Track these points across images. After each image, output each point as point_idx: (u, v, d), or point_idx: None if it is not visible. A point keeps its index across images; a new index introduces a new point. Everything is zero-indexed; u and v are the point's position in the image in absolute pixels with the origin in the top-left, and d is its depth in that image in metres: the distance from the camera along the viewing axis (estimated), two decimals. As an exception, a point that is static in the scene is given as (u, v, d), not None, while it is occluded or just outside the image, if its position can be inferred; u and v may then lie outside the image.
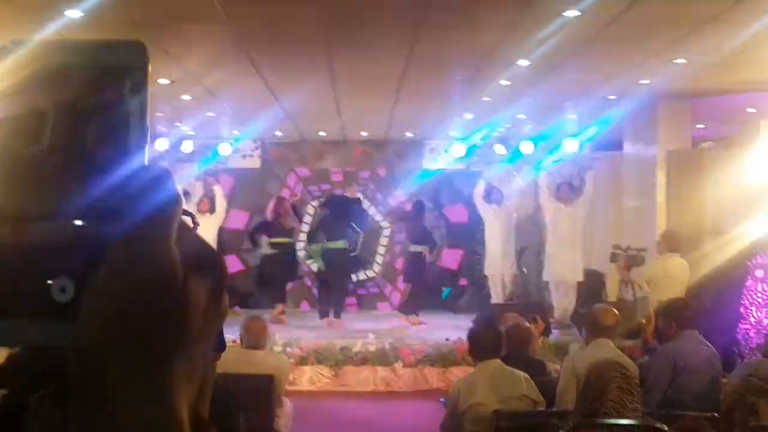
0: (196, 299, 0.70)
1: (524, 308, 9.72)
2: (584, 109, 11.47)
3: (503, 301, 12.87)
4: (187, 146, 14.23)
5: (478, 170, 14.66)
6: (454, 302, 14.88)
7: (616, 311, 5.90)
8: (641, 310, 9.87)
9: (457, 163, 15.09)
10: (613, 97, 10.67)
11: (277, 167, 15.37)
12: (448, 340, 10.81)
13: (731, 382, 5.59)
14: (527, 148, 14.51)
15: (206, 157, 14.76)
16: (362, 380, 10.50)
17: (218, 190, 13.15)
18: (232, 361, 5.79)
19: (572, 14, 6.80)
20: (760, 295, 8.73)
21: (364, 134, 14.73)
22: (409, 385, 10.48)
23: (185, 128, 13.40)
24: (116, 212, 0.69)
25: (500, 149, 14.76)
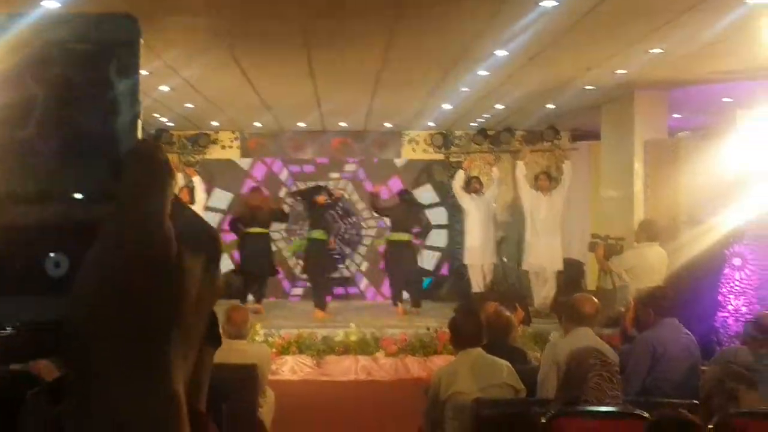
0: (190, 273, 0.70)
1: (504, 297, 9.74)
2: (562, 99, 11.51)
3: (483, 290, 12.91)
4: (166, 138, 14.24)
5: (456, 160, 14.73)
6: (435, 292, 14.90)
7: (595, 300, 5.92)
8: (621, 298, 9.95)
9: (435, 153, 15.19)
10: (590, 87, 10.72)
11: (255, 158, 15.35)
12: (429, 329, 10.86)
13: (710, 369, 5.65)
14: (506, 137, 14.61)
15: (185, 148, 14.75)
16: (344, 369, 10.54)
17: (197, 181, 13.09)
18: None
19: (549, 4, 6.82)
20: (737, 283, 8.80)
21: (343, 125, 14.73)
22: (390, 374, 10.52)
23: (164, 119, 13.37)
24: (108, 187, 0.69)
25: (479, 139, 14.81)
